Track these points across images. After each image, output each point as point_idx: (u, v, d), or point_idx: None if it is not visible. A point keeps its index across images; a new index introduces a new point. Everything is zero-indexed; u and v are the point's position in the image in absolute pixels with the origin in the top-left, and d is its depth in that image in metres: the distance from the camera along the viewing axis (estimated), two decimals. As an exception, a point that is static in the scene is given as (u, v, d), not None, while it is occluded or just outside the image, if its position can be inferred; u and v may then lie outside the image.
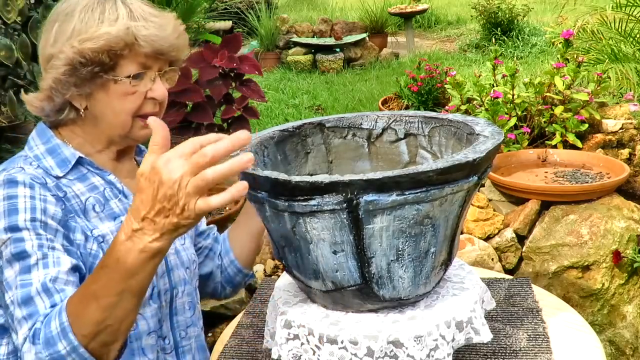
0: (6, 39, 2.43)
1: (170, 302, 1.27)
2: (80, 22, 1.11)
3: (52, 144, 1.18)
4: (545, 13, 7.96)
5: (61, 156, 1.17)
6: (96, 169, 1.20)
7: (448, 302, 1.23)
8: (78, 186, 1.17)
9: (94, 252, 1.14)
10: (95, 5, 1.12)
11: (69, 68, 1.10)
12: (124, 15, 1.11)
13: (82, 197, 1.16)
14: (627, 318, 2.23)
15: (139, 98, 1.16)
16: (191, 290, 1.33)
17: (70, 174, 1.17)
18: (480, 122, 1.26)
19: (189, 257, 1.34)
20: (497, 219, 2.39)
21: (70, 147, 1.18)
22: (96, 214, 1.17)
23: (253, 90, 3.54)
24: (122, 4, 1.13)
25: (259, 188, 1.12)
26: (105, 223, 1.17)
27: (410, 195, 1.03)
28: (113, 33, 1.09)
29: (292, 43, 7.23)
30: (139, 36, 1.11)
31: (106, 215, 1.18)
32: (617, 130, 2.80)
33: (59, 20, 1.13)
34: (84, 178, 1.18)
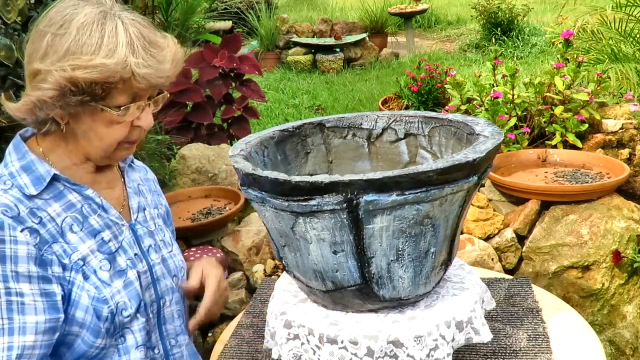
0: (6, 39, 2.43)
1: (158, 312, 1.24)
2: (75, 43, 1.03)
3: (27, 161, 1.12)
4: (545, 13, 7.96)
5: (36, 173, 1.10)
6: (73, 185, 1.15)
7: (448, 302, 1.23)
8: (54, 207, 1.11)
9: (72, 280, 1.09)
10: (95, 25, 1.04)
11: (57, 93, 1.03)
12: (124, 43, 1.04)
13: (58, 220, 1.11)
14: (627, 318, 2.24)
15: (125, 127, 1.11)
16: (179, 299, 1.30)
17: (46, 192, 1.11)
18: (480, 122, 1.26)
19: (176, 265, 1.30)
20: (497, 219, 2.39)
21: (45, 163, 1.12)
22: (75, 234, 1.12)
23: (253, 90, 3.55)
24: (122, 28, 1.05)
25: (259, 188, 1.12)
26: (86, 242, 1.13)
27: (410, 195, 1.03)
28: (110, 66, 1.02)
29: (292, 43, 7.23)
30: (137, 73, 1.05)
31: (86, 234, 1.14)
32: (617, 130, 2.80)
33: (51, 31, 1.04)
34: (60, 196, 1.13)
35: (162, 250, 1.28)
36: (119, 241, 1.18)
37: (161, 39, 1.11)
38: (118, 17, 1.06)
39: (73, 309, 1.09)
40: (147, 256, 1.23)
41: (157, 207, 1.35)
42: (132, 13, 1.11)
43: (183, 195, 2.58)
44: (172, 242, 1.34)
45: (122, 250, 1.18)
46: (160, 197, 1.41)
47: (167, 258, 1.28)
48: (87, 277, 1.11)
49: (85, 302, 1.09)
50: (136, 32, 1.07)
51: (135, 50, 1.05)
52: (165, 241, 1.30)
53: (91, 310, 1.10)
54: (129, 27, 1.06)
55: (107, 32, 1.04)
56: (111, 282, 1.13)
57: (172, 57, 1.11)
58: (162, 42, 1.11)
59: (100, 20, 1.05)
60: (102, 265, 1.13)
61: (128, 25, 1.07)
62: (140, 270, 1.19)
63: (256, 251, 2.36)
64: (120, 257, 1.17)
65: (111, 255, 1.16)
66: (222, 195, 2.58)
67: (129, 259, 1.18)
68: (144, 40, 1.07)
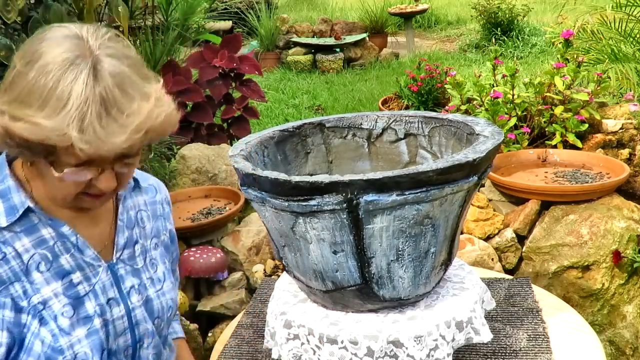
0: (6, 39, 2.43)
1: (133, 355, 1.14)
2: (28, 90, 0.88)
3: (4, 186, 1.02)
4: (545, 13, 7.95)
5: (10, 202, 1.01)
6: (49, 219, 1.03)
7: (448, 302, 1.23)
8: (23, 241, 1.01)
9: (28, 324, 1.00)
10: (55, 72, 0.87)
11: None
12: (74, 107, 0.86)
13: (25, 256, 1.01)
14: (627, 318, 2.23)
15: (79, 185, 0.97)
16: (158, 343, 1.19)
17: (18, 224, 1.01)
18: (480, 122, 1.26)
19: (162, 305, 1.18)
20: (497, 219, 2.39)
21: (22, 192, 1.02)
22: (40, 274, 1.02)
23: (253, 90, 3.55)
24: (84, 82, 0.87)
25: (259, 188, 1.12)
26: (51, 284, 1.02)
27: (410, 195, 1.03)
28: (45, 130, 0.86)
29: (292, 43, 7.23)
30: (78, 147, 0.87)
31: (53, 274, 1.03)
32: (617, 130, 2.80)
33: (18, 65, 0.91)
34: (32, 230, 1.02)
35: (149, 289, 1.15)
36: (91, 284, 1.07)
37: (135, 103, 0.91)
38: (93, 63, 0.89)
39: (25, 355, 1.00)
40: (126, 299, 1.11)
41: (157, 236, 1.23)
42: (119, 58, 0.93)
43: (183, 195, 2.58)
44: (166, 277, 1.21)
45: (92, 295, 1.06)
46: (167, 221, 1.27)
47: (152, 298, 1.16)
48: (46, 322, 1.01)
49: (38, 350, 1.00)
50: (103, 91, 0.88)
51: (85, 117, 0.86)
52: (155, 278, 1.18)
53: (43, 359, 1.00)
54: (99, 80, 0.88)
55: (61, 86, 0.87)
56: (72, 330, 1.02)
57: (140, 126, 0.90)
58: (133, 108, 0.90)
59: (65, 67, 0.88)
60: (64, 311, 1.02)
61: (100, 77, 0.89)
62: (115, 317, 1.08)
63: (256, 251, 2.36)
64: (88, 302, 1.05)
65: (78, 299, 1.04)
66: (222, 195, 2.58)
67: (99, 305, 1.06)
68: (106, 103, 0.88)
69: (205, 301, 2.20)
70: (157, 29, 3.77)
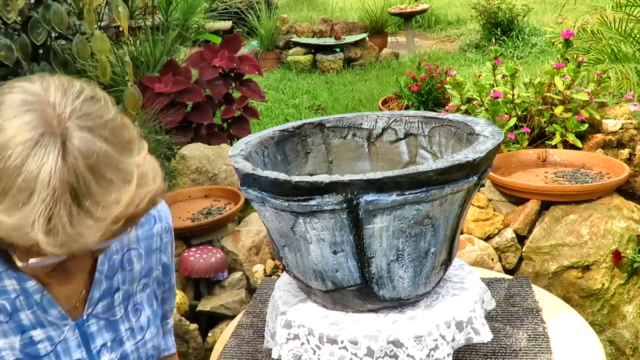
0: (6, 39, 2.43)
1: None
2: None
3: None
4: (545, 13, 7.95)
5: None
6: (14, 272, 0.90)
7: (448, 302, 1.23)
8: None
9: None
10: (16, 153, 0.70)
11: None
12: (39, 201, 0.70)
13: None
14: (627, 318, 2.23)
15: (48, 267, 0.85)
16: None
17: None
18: (480, 122, 1.26)
19: (141, 357, 1.05)
20: (497, 219, 2.39)
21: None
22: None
23: (253, 90, 3.55)
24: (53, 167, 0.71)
25: (259, 188, 1.12)
26: (9, 337, 0.91)
27: (410, 195, 1.03)
28: (4, 227, 0.71)
29: (292, 43, 7.23)
30: (44, 248, 0.72)
31: (12, 327, 0.91)
32: (617, 130, 2.80)
33: None
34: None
35: (126, 343, 1.03)
36: (54, 344, 0.94)
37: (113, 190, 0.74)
38: (62, 140, 0.72)
39: None
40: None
41: (148, 275, 1.08)
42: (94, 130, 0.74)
43: (183, 195, 2.58)
44: (150, 323, 1.08)
45: (53, 356, 0.95)
46: (163, 253, 1.11)
47: (129, 353, 1.04)
48: None
49: None
50: (74, 179, 0.71)
51: (53, 214, 0.71)
52: (136, 328, 1.05)
53: None
54: (69, 165, 0.71)
55: (24, 174, 0.70)
56: None
57: (119, 217, 0.75)
58: (110, 198, 0.74)
59: (28, 150, 0.71)
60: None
61: (70, 160, 0.71)
62: None
63: (256, 251, 2.36)
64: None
65: (38, 359, 0.93)
66: (222, 195, 2.58)
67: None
68: (78, 194, 0.72)
69: (205, 301, 2.20)
70: (157, 29, 3.77)
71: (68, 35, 2.92)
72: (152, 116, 2.92)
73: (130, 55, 3.27)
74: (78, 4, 2.69)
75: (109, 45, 2.23)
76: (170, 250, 1.13)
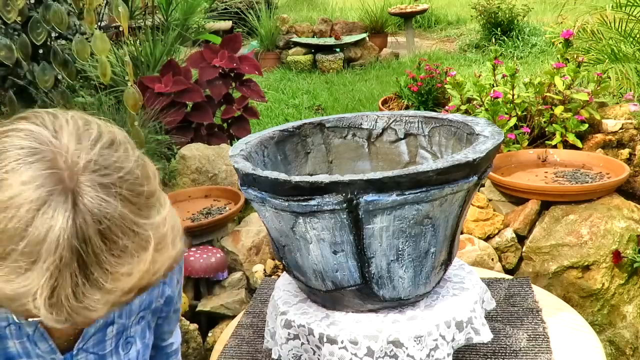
0: (6, 39, 2.43)
1: None
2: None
3: None
4: (545, 13, 7.95)
5: None
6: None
7: (448, 302, 1.23)
8: None
9: None
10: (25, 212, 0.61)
11: None
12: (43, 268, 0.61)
13: None
14: (627, 318, 2.23)
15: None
16: None
17: None
18: (480, 122, 1.26)
19: None
20: (497, 219, 2.39)
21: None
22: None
23: (253, 90, 3.55)
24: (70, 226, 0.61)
25: (259, 188, 1.12)
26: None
27: (410, 195, 1.03)
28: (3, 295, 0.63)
29: (292, 43, 7.23)
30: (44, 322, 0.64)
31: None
32: (617, 130, 2.80)
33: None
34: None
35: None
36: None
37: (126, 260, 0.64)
38: (72, 200, 0.62)
39: None
40: None
41: (147, 308, 1.00)
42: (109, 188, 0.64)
43: (183, 195, 2.58)
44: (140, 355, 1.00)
45: None
46: (167, 286, 1.02)
47: None
48: None
49: None
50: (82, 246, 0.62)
51: (57, 286, 0.61)
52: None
53: None
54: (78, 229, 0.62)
55: (28, 238, 0.61)
56: None
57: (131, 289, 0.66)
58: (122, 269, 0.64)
59: (35, 210, 0.61)
60: None
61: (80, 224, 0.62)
62: None
63: (256, 251, 2.36)
64: None
65: None
66: (222, 195, 2.58)
67: None
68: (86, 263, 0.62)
69: (205, 301, 2.20)
70: (157, 29, 3.77)
71: (68, 35, 2.93)
72: (152, 116, 2.93)
73: (130, 55, 3.27)
74: (78, 4, 2.69)
75: (109, 45, 2.23)
76: (175, 282, 1.04)
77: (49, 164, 0.63)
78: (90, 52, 2.38)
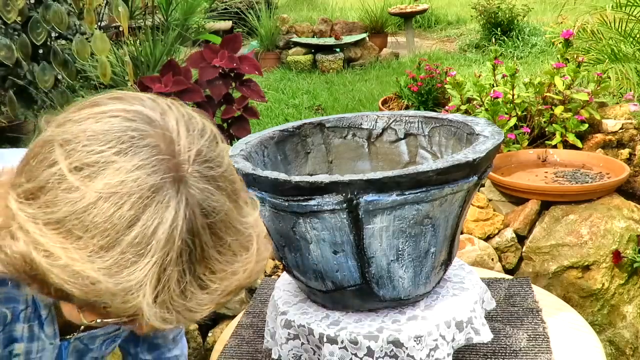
0: (6, 39, 2.43)
1: None
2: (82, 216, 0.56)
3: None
4: (545, 13, 7.95)
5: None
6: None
7: (448, 302, 1.23)
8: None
9: None
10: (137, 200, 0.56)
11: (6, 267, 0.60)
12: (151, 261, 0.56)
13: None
14: (627, 318, 2.23)
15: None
16: None
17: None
18: (480, 122, 1.26)
19: None
20: (497, 219, 2.39)
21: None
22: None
23: (253, 90, 3.54)
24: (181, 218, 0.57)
25: (259, 188, 1.12)
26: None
27: (410, 195, 1.03)
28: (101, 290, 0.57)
29: (292, 43, 7.23)
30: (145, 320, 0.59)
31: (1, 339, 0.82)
32: (617, 130, 2.80)
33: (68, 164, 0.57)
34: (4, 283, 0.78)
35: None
36: (28, 359, 0.86)
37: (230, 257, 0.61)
38: (184, 193, 0.58)
39: None
40: None
41: None
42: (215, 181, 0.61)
43: (183, 195, 2.58)
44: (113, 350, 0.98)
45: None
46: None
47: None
48: None
49: None
50: (190, 240, 0.58)
51: (161, 280, 0.57)
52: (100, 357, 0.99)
53: None
54: (188, 221, 0.57)
55: (137, 229, 0.56)
56: None
57: (233, 290, 0.63)
58: (229, 268, 0.61)
59: (147, 199, 0.56)
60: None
61: (189, 216, 0.58)
62: None
63: (256, 251, 2.36)
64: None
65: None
66: (222, 195, 2.57)
67: None
68: (192, 259, 0.58)
69: (205, 301, 2.20)
70: (157, 29, 3.77)
71: (68, 35, 2.92)
72: (152, 116, 2.92)
73: (130, 55, 3.27)
74: (78, 4, 2.69)
75: (109, 45, 2.23)
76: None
77: (161, 149, 0.58)
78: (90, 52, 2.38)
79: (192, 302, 0.59)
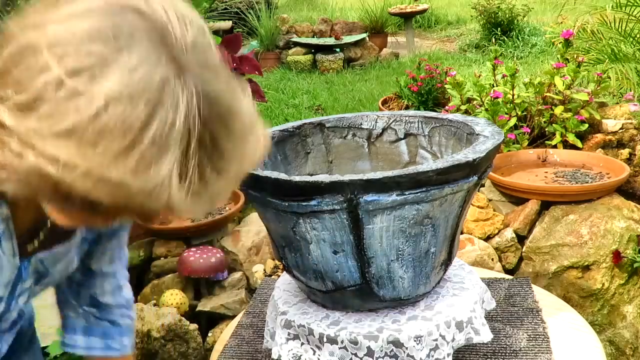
0: (6, 39, 2.43)
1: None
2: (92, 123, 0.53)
3: None
4: (545, 13, 7.95)
5: None
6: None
7: (448, 302, 1.23)
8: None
9: None
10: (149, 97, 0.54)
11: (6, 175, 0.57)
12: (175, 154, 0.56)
13: None
14: (627, 318, 2.23)
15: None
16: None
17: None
18: (480, 122, 1.26)
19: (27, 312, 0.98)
20: (497, 219, 2.39)
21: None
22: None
23: (253, 90, 3.54)
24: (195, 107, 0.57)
25: (260, 188, 1.12)
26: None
27: (410, 195, 1.03)
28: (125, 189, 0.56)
29: (292, 43, 7.23)
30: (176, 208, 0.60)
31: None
32: (617, 130, 2.80)
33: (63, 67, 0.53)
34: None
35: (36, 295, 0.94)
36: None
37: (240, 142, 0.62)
38: (190, 84, 0.57)
39: None
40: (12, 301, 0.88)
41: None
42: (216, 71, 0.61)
43: (183, 195, 2.58)
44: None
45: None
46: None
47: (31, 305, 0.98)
48: None
49: None
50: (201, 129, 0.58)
51: (186, 173, 0.58)
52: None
53: None
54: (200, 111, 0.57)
55: (156, 123, 0.54)
56: None
57: (245, 174, 0.66)
58: (239, 152, 0.63)
59: (158, 92, 0.55)
60: None
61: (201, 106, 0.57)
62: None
63: (256, 251, 2.36)
64: None
65: None
66: (222, 195, 2.57)
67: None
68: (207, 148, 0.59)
69: (205, 301, 2.20)
70: (157, 29, 3.76)
71: (68, 35, 2.92)
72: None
73: (130, 55, 3.26)
74: (78, 4, 2.69)
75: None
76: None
77: (158, 41, 0.56)
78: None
79: (212, 188, 0.60)
